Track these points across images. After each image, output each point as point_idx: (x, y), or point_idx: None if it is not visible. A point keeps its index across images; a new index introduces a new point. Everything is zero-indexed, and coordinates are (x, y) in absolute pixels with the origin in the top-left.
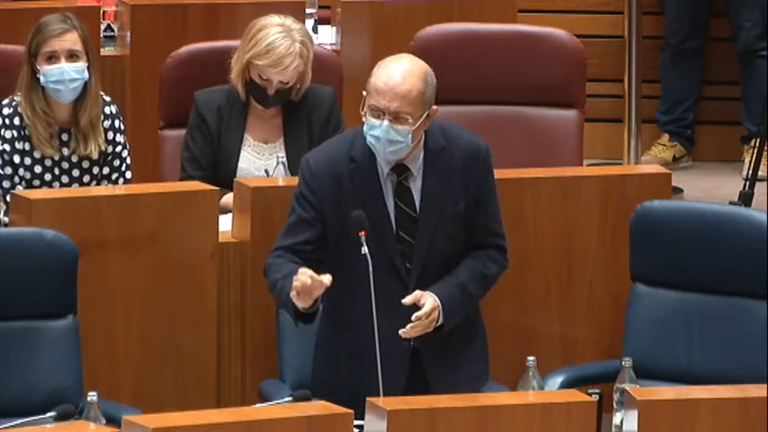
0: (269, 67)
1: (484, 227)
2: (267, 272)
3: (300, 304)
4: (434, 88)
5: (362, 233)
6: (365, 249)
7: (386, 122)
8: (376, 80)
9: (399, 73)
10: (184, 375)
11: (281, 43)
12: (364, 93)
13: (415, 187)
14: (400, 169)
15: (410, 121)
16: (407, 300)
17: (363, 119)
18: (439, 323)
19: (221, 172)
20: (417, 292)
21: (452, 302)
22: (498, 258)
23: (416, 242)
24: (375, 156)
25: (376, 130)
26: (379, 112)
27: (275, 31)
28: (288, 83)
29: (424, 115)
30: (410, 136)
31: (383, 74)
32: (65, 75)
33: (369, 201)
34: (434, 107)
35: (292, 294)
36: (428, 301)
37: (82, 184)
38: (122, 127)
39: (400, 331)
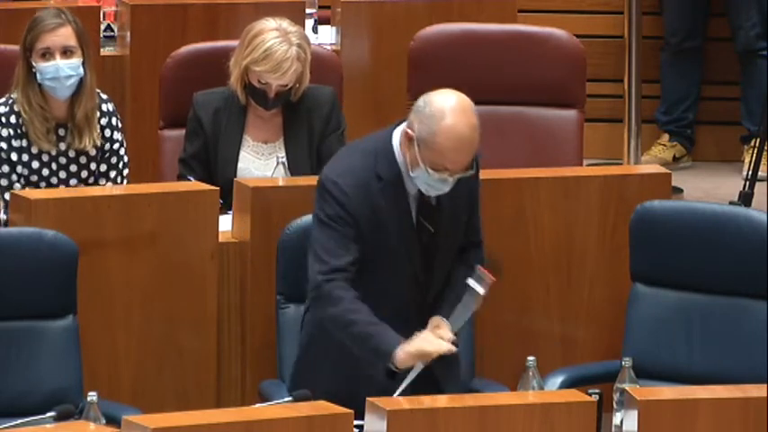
0: (268, 73)
1: (474, 227)
2: (334, 302)
3: (409, 364)
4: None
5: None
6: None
7: (450, 179)
8: (445, 142)
9: (467, 132)
10: (184, 375)
11: (278, 48)
12: (419, 139)
13: (434, 204)
14: None
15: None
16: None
17: (421, 166)
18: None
19: (220, 173)
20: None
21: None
22: (480, 257)
23: (437, 257)
24: (400, 172)
25: (441, 184)
26: (446, 173)
27: (272, 36)
28: (287, 85)
29: None
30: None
31: (453, 136)
32: (60, 72)
33: (399, 216)
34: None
35: (404, 351)
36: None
37: (79, 179)
38: (120, 125)
39: None
